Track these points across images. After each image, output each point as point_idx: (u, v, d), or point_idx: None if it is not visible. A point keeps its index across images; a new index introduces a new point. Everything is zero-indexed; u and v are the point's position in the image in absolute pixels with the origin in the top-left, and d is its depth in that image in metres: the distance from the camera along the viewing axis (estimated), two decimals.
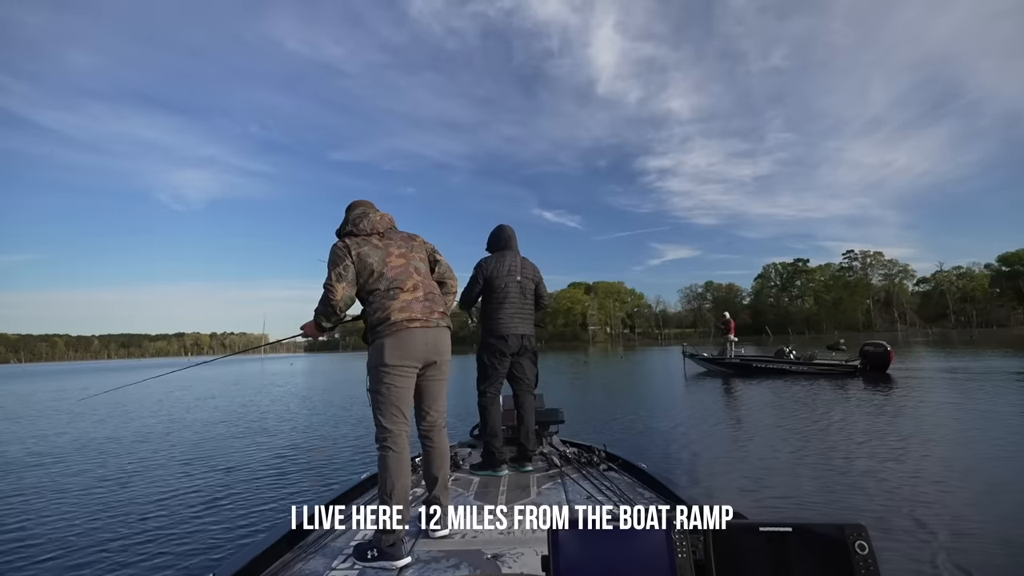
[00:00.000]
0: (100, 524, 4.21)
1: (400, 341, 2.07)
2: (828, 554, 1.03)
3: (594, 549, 1.11)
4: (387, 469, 2.02)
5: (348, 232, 2.24)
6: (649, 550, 1.09)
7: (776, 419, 7.88)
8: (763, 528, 1.07)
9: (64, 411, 13.31)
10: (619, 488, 2.63)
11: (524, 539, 2.06)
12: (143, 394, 16.57)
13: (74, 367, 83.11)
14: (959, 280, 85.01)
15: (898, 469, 4.76)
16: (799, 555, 1.04)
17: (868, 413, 7.94)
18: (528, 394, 3.35)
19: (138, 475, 5.88)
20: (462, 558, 1.91)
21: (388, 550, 1.88)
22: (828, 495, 4.16)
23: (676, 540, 1.09)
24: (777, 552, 1.05)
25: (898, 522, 3.47)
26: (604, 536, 1.12)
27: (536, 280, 3.44)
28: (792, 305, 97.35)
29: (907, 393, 10.02)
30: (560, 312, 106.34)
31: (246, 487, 5.15)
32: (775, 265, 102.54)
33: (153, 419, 10.87)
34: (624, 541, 1.10)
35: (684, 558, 1.07)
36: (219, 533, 3.89)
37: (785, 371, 14.74)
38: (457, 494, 2.74)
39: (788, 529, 1.05)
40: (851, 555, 1.01)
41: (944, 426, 6.72)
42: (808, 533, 1.05)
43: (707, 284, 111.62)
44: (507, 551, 1.94)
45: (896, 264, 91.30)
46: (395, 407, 2.08)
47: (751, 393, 11.33)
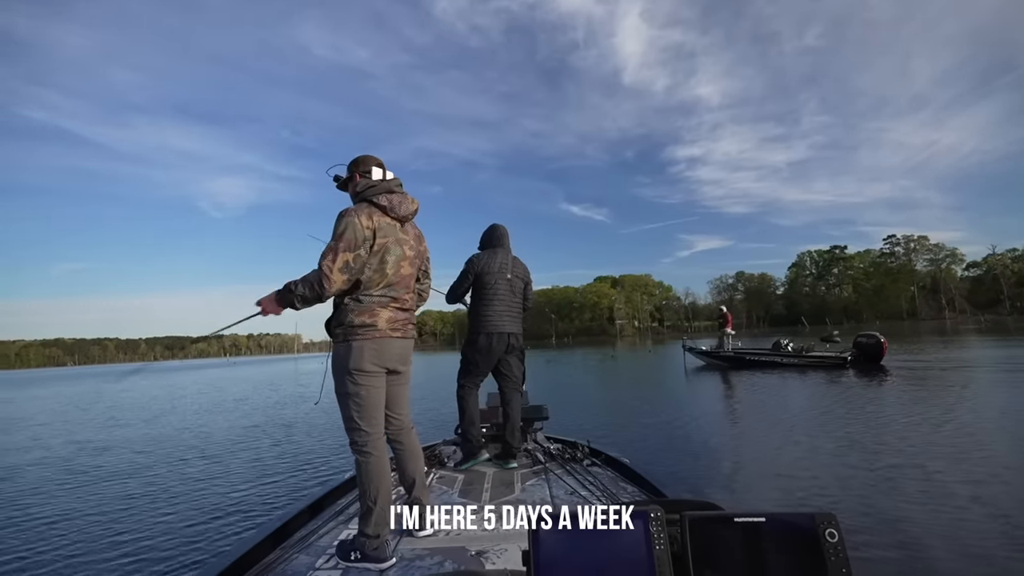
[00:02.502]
0: (87, 523, 4.26)
1: (379, 347, 2.00)
2: (800, 542, 1.06)
3: (573, 543, 1.13)
4: (368, 474, 1.96)
5: (373, 202, 2.01)
6: (627, 543, 1.11)
7: (760, 412, 7.97)
8: (737, 519, 1.10)
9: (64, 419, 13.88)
10: (602, 483, 2.66)
11: (507, 535, 2.08)
12: (165, 394, 17.11)
13: (119, 369, 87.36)
14: (1014, 263, 79.56)
15: (870, 460, 4.84)
16: (772, 544, 1.07)
17: (851, 405, 7.89)
18: (515, 391, 3.38)
19: (128, 476, 5.97)
20: (446, 556, 1.92)
21: (372, 552, 1.87)
22: (806, 485, 4.27)
23: (654, 532, 1.11)
24: (751, 541, 1.08)
25: (867, 511, 3.58)
26: (583, 530, 1.13)
27: (526, 280, 3.48)
28: (829, 294, 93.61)
29: (895, 385, 9.87)
30: (586, 307, 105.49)
31: (231, 487, 5.15)
32: (810, 253, 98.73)
33: (148, 423, 11.17)
34: (603, 534, 1.12)
35: (661, 550, 1.09)
36: (203, 533, 3.88)
37: (777, 363, 14.79)
38: (441, 491, 2.75)
39: (762, 519, 1.09)
40: (822, 543, 1.05)
41: (922, 417, 6.63)
42: (780, 523, 1.08)
43: (738, 274, 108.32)
44: (491, 548, 1.96)
45: (943, 248, 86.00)
46: (374, 410, 2.02)
47: (741, 387, 11.36)
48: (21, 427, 11.35)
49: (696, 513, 1.15)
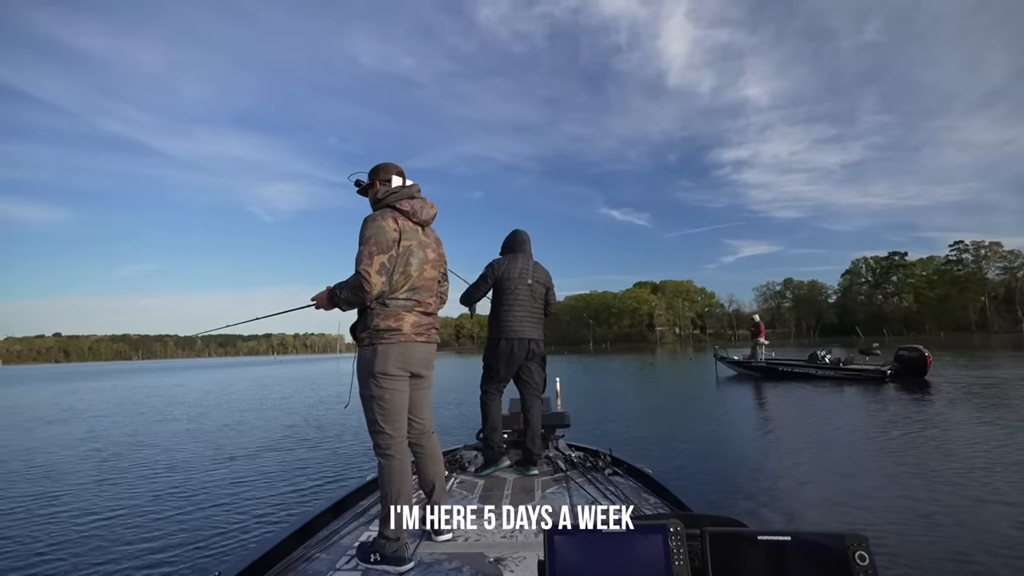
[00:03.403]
0: (118, 517, 4.40)
1: (404, 351, 2.03)
2: (827, 564, 1.03)
3: (590, 553, 1.11)
4: (390, 476, 1.99)
5: (396, 208, 2.08)
6: (645, 556, 1.09)
7: (790, 426, 7.69)
8: (761, 536, 1.07)
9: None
10: (623, 492, 2.63)
11: (527, 543, 2.06)
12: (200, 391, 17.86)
13: (180, 364, 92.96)
14: None
15: (908, 482, 4.55)
16: (798, 564, 1.04)
17: (888, 422, 7.48)
18: (535, 398, 3.34)
19: (168, 471, 6.19)
20: (464, 561, 1.92)
21: (391, 555, 1.88)
22: (834, 506, 4.09)
23: (673, 547, 1.09)
24: (776, 560, 1.05)
25: (902, 535, 3.39)
26: (600, 540, 1.11)
27: (547, 285, 3.44)
28: (887, 303, 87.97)
29: (938, 402, 9.21)
30: (625, 312, 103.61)
31: (257, 486, 5.23)
32: (866, 259, 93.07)
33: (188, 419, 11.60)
34: (620, 545, 1.10)
35: (681, 564, 1.07)
36: (226, 531, 3.94)
37: (812, 375, 14.26)
38: (462, 496, 2.76)
39: (787, 538, 1.06)
40: (852, 565, 1.01)
41: (968, 438, 6.16)
42: (807, 542, 1.05)
43: (786, 281, 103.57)
44: (509, 555, 1.95)
45: (1019, 255, 78.89)
46: (398, 413, 2.04)
47: (772, 398, 11.03)
48: (77, 418, 12.14)
49: (718, 529, 1.12)
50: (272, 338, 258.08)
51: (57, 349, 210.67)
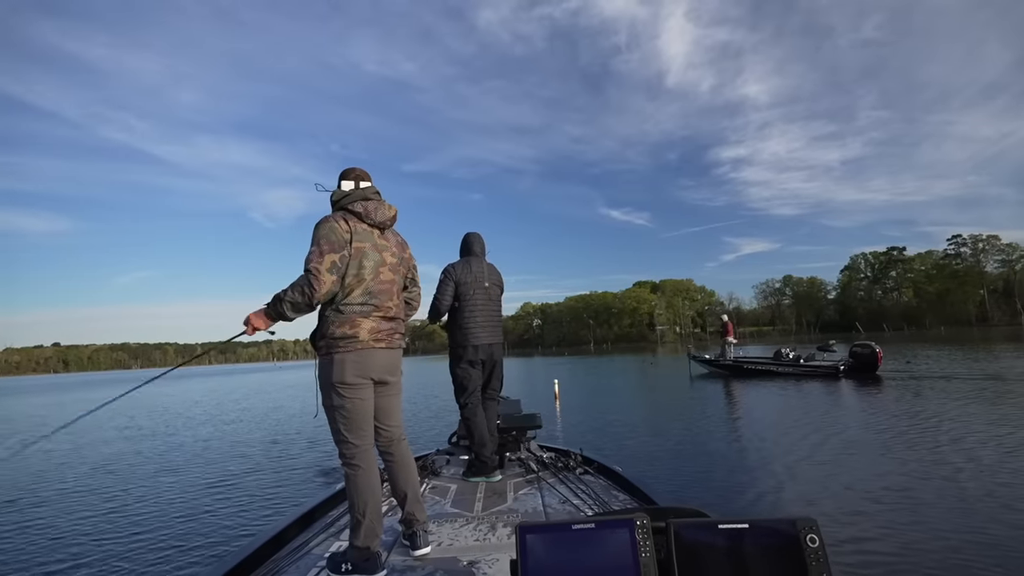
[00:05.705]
0: (80, 533, 4.31)
1: (361, 359, 1.98)
2: (782, 548, 1.09)
3: (560, 550, 1.15)
4: (356, 486, 1.96)
5: (348, 210, 2.05)
6: (614, 550, 1.14)
7: (754, 422, 8.05)
8: (721, 525, 1.14)
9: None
10: (594, 491, 2.69)
11: (499, 545, 2.07)
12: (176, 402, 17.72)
13: (178, 373, 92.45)
14: None
15: (856, 468, 4.90)
16: (755, 549, 1.10)
17: (838, 414, 8.02)
18: (491, 400, 3.38)
19: (126, 484, 6.07)
20: (437, 566, 1.92)
21: (362, 565, 1.87)
22: (790, 493, 4.36)
23: (640, 540, 1.13)
24: (735, 547, 1.11)
25: (848, 518, 3.63)
26: (570, 536, 1.16)
27: (501, 286, 3.47)
28: (887, 299, 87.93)
29: (885, 395, 9.92)
30: (625, 312, 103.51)
31: (224, 498, 5.13)
32: (864, 255, 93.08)
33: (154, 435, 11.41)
34: (590, 542, 1.15)
35: (648, 556, 1.12)
36: (195, 544, 3.85)
37: (774, 372, 15.09)
38: (434, 502, 2.74)
39: (745, 525, 1.12)
40: (803, 548, 1.08)
41: (909, 426, 6.65)
42: (763, 528, 1.12)
43: (785, 278, 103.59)
44: (482, 557, 1.96)
45: (1017, 248, 78.81)
46: (362, 422, 2.01)
47: (738, 395, 11.60)
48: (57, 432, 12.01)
49: (682, 520, 1.17)
50: (273, 344, 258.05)
51: (56, 359, 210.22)
